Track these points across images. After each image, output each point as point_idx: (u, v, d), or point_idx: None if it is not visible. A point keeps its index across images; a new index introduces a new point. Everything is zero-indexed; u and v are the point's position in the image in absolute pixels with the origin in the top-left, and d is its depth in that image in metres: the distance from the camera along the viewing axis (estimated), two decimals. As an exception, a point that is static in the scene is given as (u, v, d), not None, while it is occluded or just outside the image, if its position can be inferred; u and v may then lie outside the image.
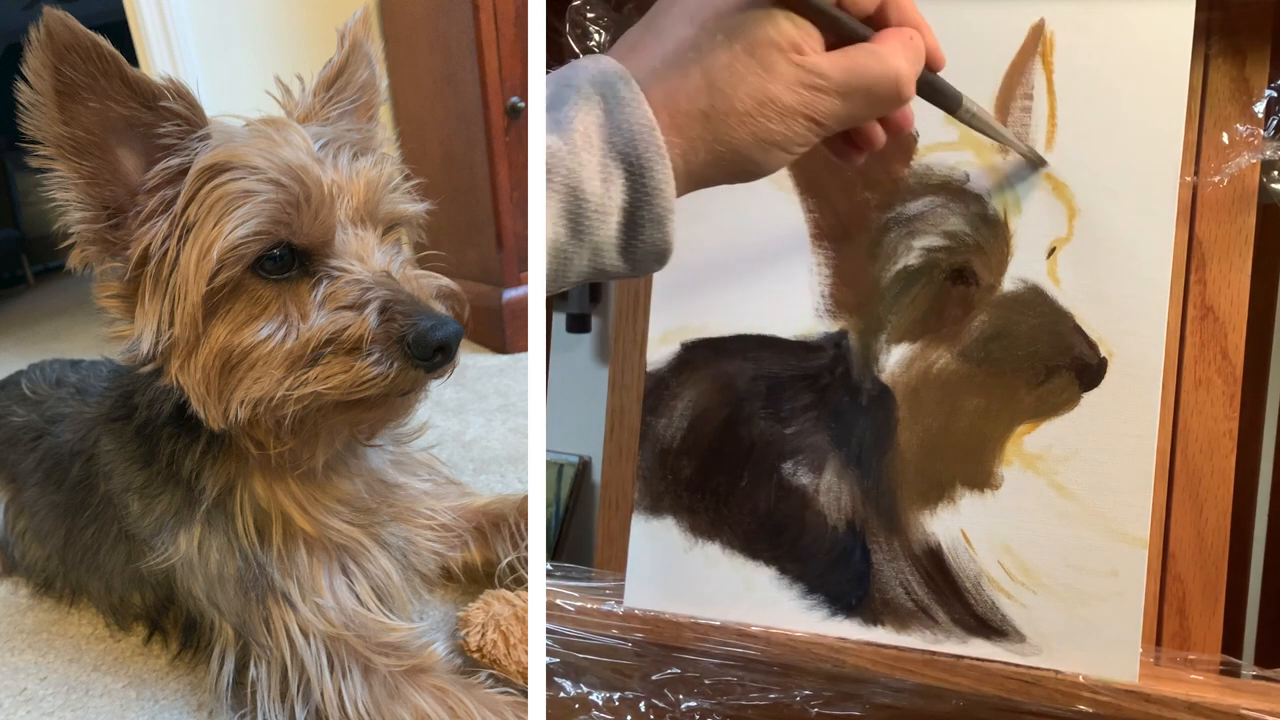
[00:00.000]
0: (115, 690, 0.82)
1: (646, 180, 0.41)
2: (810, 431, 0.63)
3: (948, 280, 0.60)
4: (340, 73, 0.72)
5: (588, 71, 0.42)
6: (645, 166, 0.41)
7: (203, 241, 0.59)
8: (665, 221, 0.42)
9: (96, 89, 0.57)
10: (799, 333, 0.63)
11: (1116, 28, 0.56)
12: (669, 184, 0.41)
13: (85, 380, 0.96)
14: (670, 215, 0.42)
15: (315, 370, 0.60)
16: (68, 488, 0.85)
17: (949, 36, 0.59)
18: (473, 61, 1.57)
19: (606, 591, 0.66)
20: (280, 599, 0.69)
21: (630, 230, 0.42)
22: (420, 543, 0.81)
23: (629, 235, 0.42)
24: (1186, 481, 0.59)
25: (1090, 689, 0.55)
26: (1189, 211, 0.59)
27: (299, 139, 0.63)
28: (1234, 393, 0.58)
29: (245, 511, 0.70)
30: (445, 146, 1.77)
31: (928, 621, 0.59)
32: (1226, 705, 0.52)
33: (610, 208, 0.41)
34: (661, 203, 0.41)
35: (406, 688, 0.69)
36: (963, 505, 0.59)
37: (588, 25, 0.69)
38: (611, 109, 0.41)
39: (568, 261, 0.42)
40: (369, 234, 0.65)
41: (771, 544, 0.63)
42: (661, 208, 0.42)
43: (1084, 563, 0.56)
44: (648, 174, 0.41)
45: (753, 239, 0.65)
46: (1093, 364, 0.57)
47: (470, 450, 1.26)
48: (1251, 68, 0.58)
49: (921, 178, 0.61)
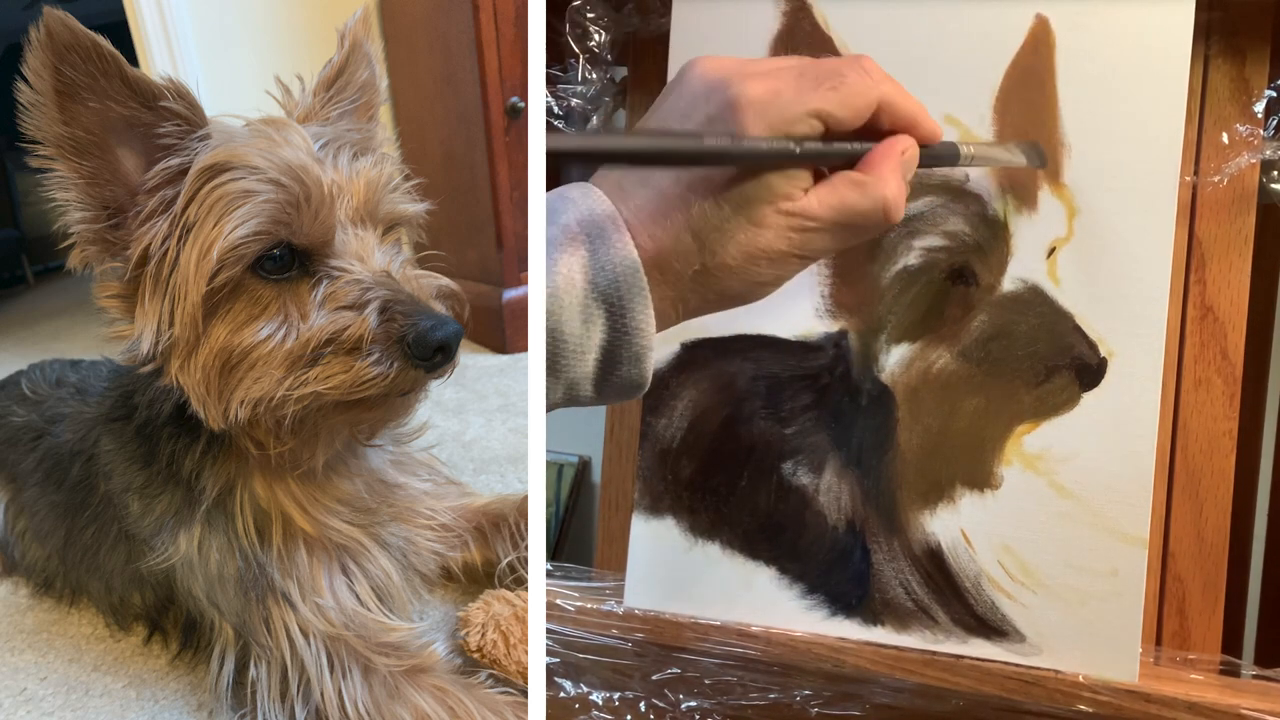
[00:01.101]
0: (115, 690, 0.82)
1: (627, 320, 0.42)
2: (810, 431, 0.63)
3: (948, 280, 0.60)
4: (340, 73, 0.72)
5: (578, 210, 0.42)
6: (626, 307, 0.41)
7: (203, 241, 0.59)
8: (643, 359, 0.43)
9: (96, 89, 0.57)
10: (799, 333, 0.63)
11: (1116, 28, 0.56)
12: (649, 323, 0.42)
13: (85, 380, 0.96)
14: (648, 352, 0.43)
15: (315, 370, 0.60)
16: (68, 488, 0.85)
17: (950, 36, 0.59)
18: (473, 61, 1.57)
19: (606, 591, 0.66)
20: (280, 599, 0.69)
21: (607, 367, 0.42)
22: (420, 543, 0.81)
23: (605, 371, 0.43)
24: (1186, 481, 0.59)
25: (1090, 689, 0.55)
26: (1189, 211, 0.59)
27: (299, 139, 0.63)
28: (1234, 393, 0.58)
29: (245, 511, 0.70)
30: (445, 146, 1.77)
31: (928, 621, 0.59)
32: (1226, 705, 0.52)
33: (588, 346, 0.42)
34: (640, 341, 0.42)
35: (406, 688, 0.69)
36: (963, 505, 0.59)
37: (588, 25, 0.69)
38: (596, 249, 0.41)
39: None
40: (369, 234, 0.65)
41: (771, 544, 0.63)
42: (640, 346, 0.42)
43: (1084, 563, 0.56)
44: (628, 314, 0.42)
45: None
46: (1093, 364, 0.57)
47: (470, 450, 1.26)
48: (1251, 68, 0.58)
49: (921, 178, 0.61)
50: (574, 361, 0.42)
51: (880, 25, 0.60)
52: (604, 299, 0.41)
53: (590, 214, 0.42)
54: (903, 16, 0.59)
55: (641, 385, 0.44)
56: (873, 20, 0.60)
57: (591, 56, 0.70)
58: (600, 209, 0.42)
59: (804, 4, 0.61)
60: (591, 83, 0.70)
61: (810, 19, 0.61)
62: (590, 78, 0.70)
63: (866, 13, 0.60)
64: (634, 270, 0.41)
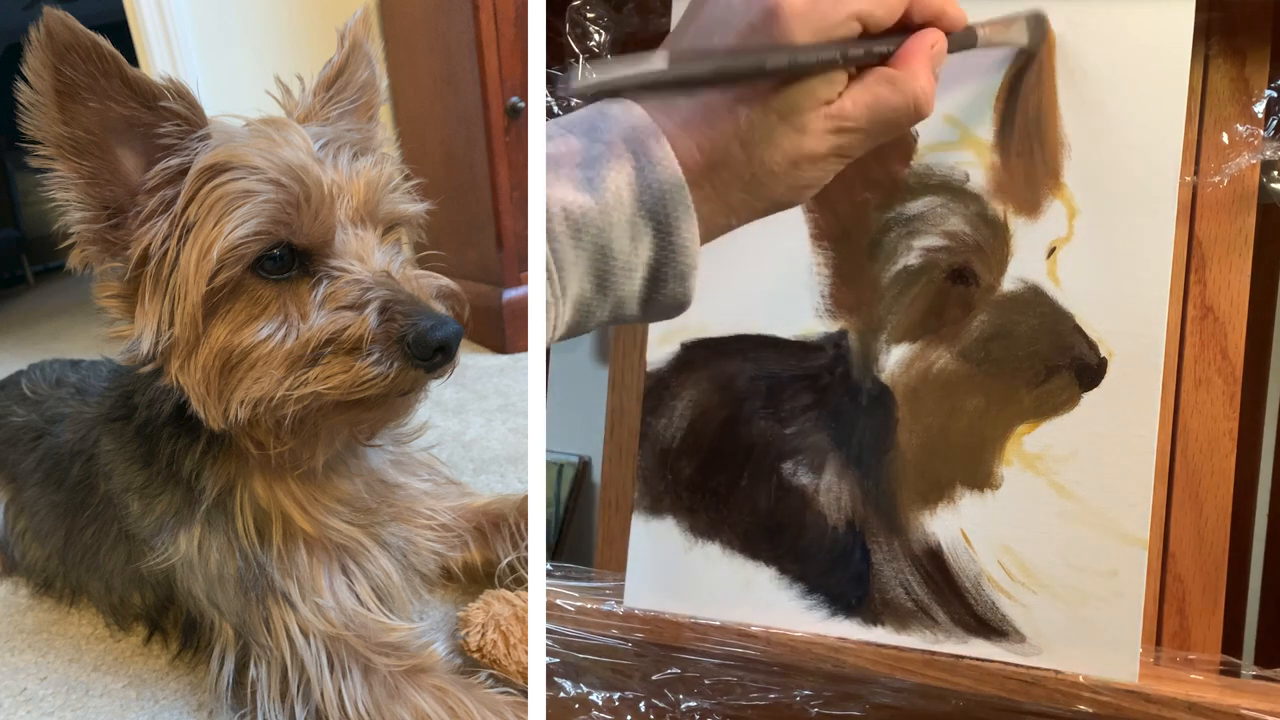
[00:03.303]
0: (115, 690, 0.82)
1: (674, 238, 0.42)
2: (810, 431, 0.63)
3: (948, 280, 0.60)
4: (340, 73, 0.72)
5: (620, 125, 0.42)
6: (673, 224, 0.41)
7: (203, 241, 0.59)
8: (688, 276, 0.43)
9: (96, 89, 0.57)
10: (799, 333, 0.63)
11: (1116, 28, 0.56)
12: (694, 240, 0.42)
13: (85, 380, 0.96)
14: (694, 271, 0.43)
15: (315, 370, 0.60)
16: (68, 488, 0.85)
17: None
18: (473, 61, 1.57)
19: (606, 591, 0.66)
20: (280, 599, 0.69)
21: (653, 285, 0.43)
22: (420, 543, 0.81)
23: (651, 289, 0.43)
24: (1186, 481, 0.59)
25: (1090, 689, 0.55)
26: (1189, 211, 0.59)
27: (299, 139, 0.63)
28: (1234, 393, 0.58)
29: (245, 511, 0.70)
30: (445, 146, 1.76)
31: (928, 621, 0.59)
32: (1226, 705, 0.52)
33: (636, 264, 0.42)
34: (686, 259, 0.42)
35: (406, 688, 0.69)
36: (963, 505, 0.59)
37: (588, 25, 0.69)
38: (642, 166, 0.41)
39: (590, 314, 0.43)
40: (369, 234, 0.65)
41: (771, 544, 0.63)
42: (685, 264, 0.42)
43: (1084, 563, 0.56)
44: (675, 232, 0.42)
45: (752, 239, 0.65)
46: (1093, 364, 0.57)
47: (470, 450, 1.26)
48: (1251, 68, 0.58)
49: (921, 178, 0.61)
50: (622, 279, 0.42)
51: (880, 25, 0.60)
52: (651, 216, 0.41)
53: (633, 129, 0.42)
54: (903, 16, 0.59)
55: (685, 304, 0.44)
56: (873, 20, 0.60)
57: (591, 56, 0.70)
58: (642, 124, 0.42)
59: (804, 4, 0.61)
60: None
61: (810, 19, 0.61)
62: (590, 78, 0.69)
63: (866, 13, 0.60)
64: (679, 187, 0.41)
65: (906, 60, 0.44)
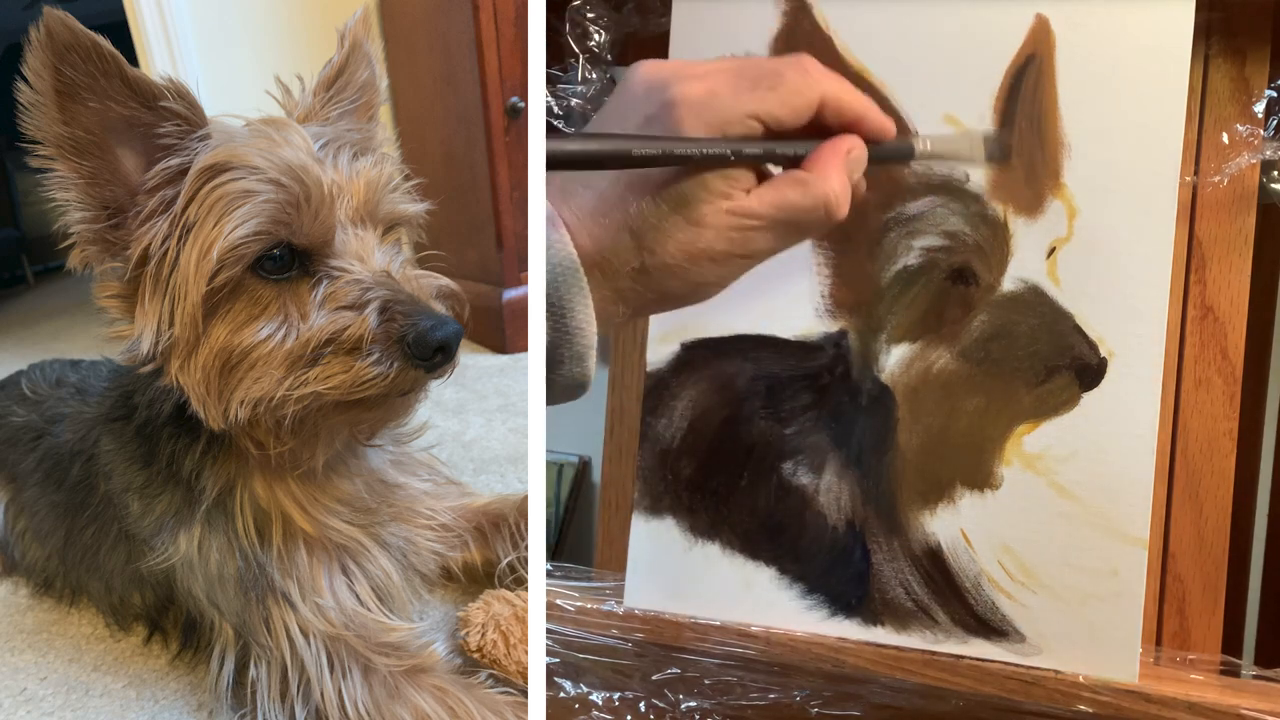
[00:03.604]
0: (115, 690, 0.82)
1: (568, 320, 0.42)
2: (810, 431, 0.63)
3: (947, 280, 0.60)
4: (340, 73, 0.72)
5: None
6: (567, 306, 0.42)
7: (203, 241, 0.59)
8: (585, 358, 0.43)
9: (96, 89, 0.57)
10: (799, 333, 0.63)
11: (1116, 28, 0.56)
12: (590, 322, 0.42)
13: (85, 380, 0.96)
14: (590, 351, 0.43)
15: (315, 370, 0.60)
16: (68, 488, 0.85)
17: (949, 36, 0.59)
18: (473, 61, 1.57)
19: (606, 591, 0.66)
20: (280, 599, 0.69)
21: (550, 366, 0.43)
22: (420, 543, 0.81)
23: (549, 370, 0.43)
24: (1186, 481, 0.59)
25: (1090, 689, 0.55)
26: (1189, 211, 0.59)
27: (299, 139, 0.63)
28: (1234, 393, 0.58)
29: (245, 511, 0.70)
30: (445, 146, 1.76)
31: (928, 621, 0.59)
32: (1226, 705, 0.52)
33: None
34: (582, 341, 0.42)
35: (406, 688, 0.69)
36: (962, 505, 0.59)
37: (588, 25, 0.69)
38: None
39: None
40: (369, 234, 0.65)
41: (771, 544, 0.63)
42: (582, 345, 0.42)
43: (1084, 563, 0.56)
44: (569, 315, 0.42)
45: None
46: (1093, 364, 0.57)
47: (470, 450, 1.26)
48: (1251, 68, 0.58)
49: (921, 178, 0.61)
50: None
51: (880, 25, 0.60)
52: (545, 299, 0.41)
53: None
54: (903, 16, 0.59)
55: (585, 384, 0.44)
56: (873, 20, 0.60)
57: (591, 56, 0.70)
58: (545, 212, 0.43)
59: (804, 4, 0.61)
60: (591, 83, 0.70)
61: (810, 19, 0.61)
62: (590, 78, 0.70)
63: (866, 13, 0.60)
64: (573, 269, 0.41)
65: (818, 164, 0.43)
